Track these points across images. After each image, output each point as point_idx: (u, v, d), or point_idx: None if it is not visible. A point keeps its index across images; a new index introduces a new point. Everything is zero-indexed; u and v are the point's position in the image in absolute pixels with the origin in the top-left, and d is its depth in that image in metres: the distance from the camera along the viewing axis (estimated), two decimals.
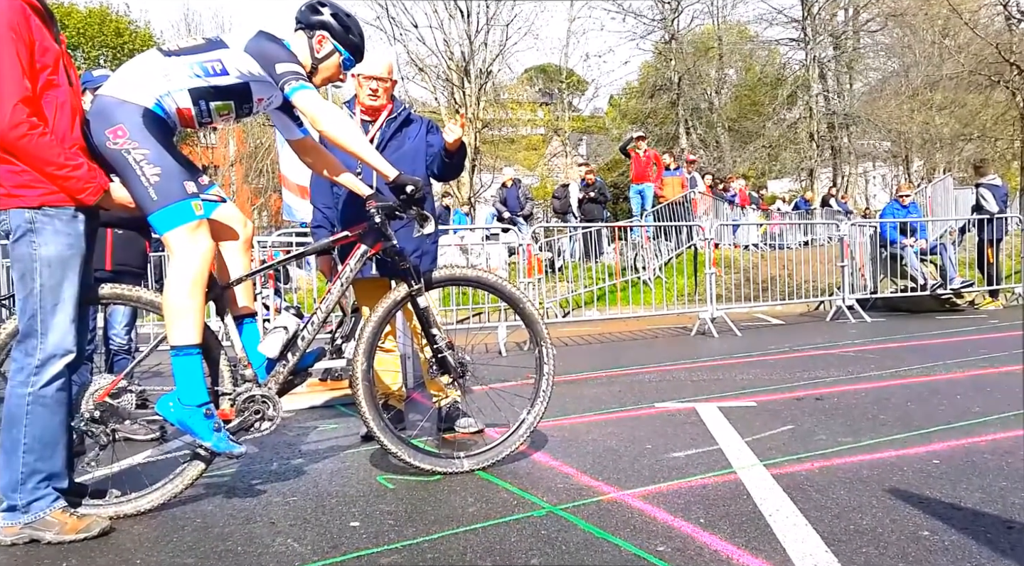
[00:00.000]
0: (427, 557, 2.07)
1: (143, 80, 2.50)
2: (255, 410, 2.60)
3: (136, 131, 2.42)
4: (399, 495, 2.64)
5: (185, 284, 2.43)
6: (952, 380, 4.61)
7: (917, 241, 9.78)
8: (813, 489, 2.54)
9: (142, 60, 2.58)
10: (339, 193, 3.45)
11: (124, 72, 2.55)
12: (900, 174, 24.07)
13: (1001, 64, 20.26)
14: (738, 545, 2.08)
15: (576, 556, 2.05)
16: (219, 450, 2.46)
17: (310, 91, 2.61)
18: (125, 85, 2.48)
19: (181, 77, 2.53)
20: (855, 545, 2.05)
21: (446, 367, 2.92)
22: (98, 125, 2.42)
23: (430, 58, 22.43)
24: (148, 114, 2.46)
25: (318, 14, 2.81)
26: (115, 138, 2.40)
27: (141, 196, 2.43)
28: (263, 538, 2.25)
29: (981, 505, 2.33)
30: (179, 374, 2.45)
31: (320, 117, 2.60)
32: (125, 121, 2.42)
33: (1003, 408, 3.67)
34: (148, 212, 2.43)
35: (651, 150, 14.20)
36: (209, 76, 2.55)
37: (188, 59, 2.56)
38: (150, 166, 2.41)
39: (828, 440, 3.20)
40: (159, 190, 2.42)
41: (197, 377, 2.46)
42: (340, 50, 2.82)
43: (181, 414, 2.44)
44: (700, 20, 26.61)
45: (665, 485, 2.65)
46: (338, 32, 2.81)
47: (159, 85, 2.50)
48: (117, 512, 2.44)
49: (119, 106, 2.44)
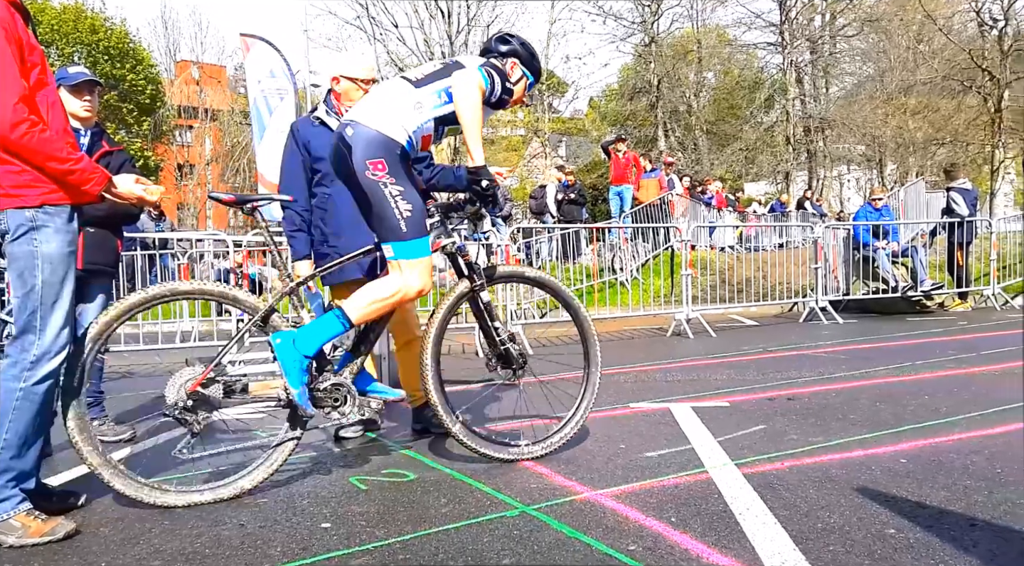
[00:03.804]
0: (399, 558, 2.06)
1: (398, 115, 2.75)
2: (334, 398, 2.76)
3: (393, 167, 2.69)
4: (372, 496, 2.63)
5: (392, 298, 2.75)
6: (921, 381, 4.69)
7: (889, 244, 9.94)
8: (783, 488, 2.57)
9: (396, 91, 2.82)
10: (325, 197, 3.43)
11: (381, 103, 2.79)
12: (874, 178, 24.44)
13: (973, 69, 20.70)
14: (708, 544, 2.10)
15: (548, 556, 2.05)
16: (298, 401, 2.62)
17: (479, 73, 2.82)
18: (384, 119, 2.72)
19: (429, 106, 2.80)
20: (823, 543, 2.08)
21: (508, 359, 3.06)
22: (361, 154, 2.67)
23: (410, 58, 22.38)
24: (402, 151, 2.74)
25: (508, 44, 3.10)
26: (375, 170, 2.67)
27: (391, 224, 2.70)
28: (231, 540, 2.22)
29: (946, 503, 2.37)
30: (317, 324, 2.71)
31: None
32: (386, 157, 2.69)
33: (969, 408, 3.74)
34: (393, 239, 2.71)
35: (630, 152, 14.29)
36: (450, 101, 2.81)
37: (435, 86, 2.82)
38: (404, 202, 2.69)
39: (799, 440, 3.23)
40: (410, 224, 2.71)
41: (323, 337, 2.70)
42: (527, 74, 3.11)
43: (287, 353, 2.63)
44: (680, 23, 26.87)
45: (638, 485, 2.66)
46: (525, 59, 3.10)
47: (411, 118, 2.76)
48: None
49: (381, 141, 2.69)
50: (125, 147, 4.74)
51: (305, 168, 3.47)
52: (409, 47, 22.40)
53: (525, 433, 3.24)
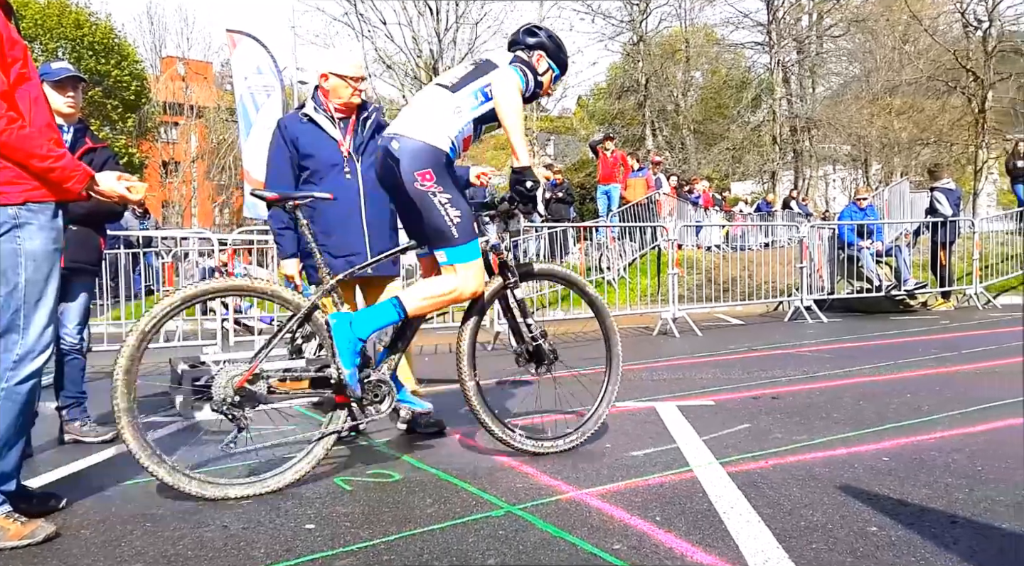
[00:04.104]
0: (383, 559, 2.06)
1: (440, 122, 2.83)
2: (375, 393, 2.83)
3: (440, 176, 2.78)
4: (356, 497, 2.62)
5: (447, 296, 2.87)
6: (903, 379, 4.73)
7: (873, 243, 10.02)
8: (767, 486, 2.58)
9: (434, 100, 2.90)
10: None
11: (422, 114, 2.87)
12: (859, 177, 24.61)
13: (958, 70, 20.88)
14: (692, 542, 2.11)
15: (533, 555, 2.06)
16: (348, 381, 2.69)
17: (514, 73, 2.88)
18: (427, 129, 2.81)
19: (468, 108, 2.87)
20: (806, 541, 2.09)
21: (540, 355, 3.11)
22: (408, 166, 2.75)
23: (398, 55, 22.33)
24: (447, 158, 2.82)
25: (535, 36, 3.13)
26: (423, 180, 2.75)
27: (440, 230, 2.80)
28: (214, 542, 2.21)
29: (927, 501, 2.39)
30: (373, 311, 2.86)
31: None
32: (433, 166, 2.77)
33: (951, 407, 3.78)
34: (446, 244, 2.82)
35: (618, 151, 14.32)
36: (488, 100, 2.89)
37: (470, 88, 2.89)
38: (453, 209, 2.79)
39: (783, 438, 3.26)
40: (460, 229, 2.81)
41: (378, 323, 2.81)
42: (553, 67, 3.16)
43: (343, 333, 2.71)
44: (668, 22, 26.93)
45: (623, 484, 2.67)
46: (552, 51, 3.14)
47: (452, 124, 2.84)
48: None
49: (427, 151, 2.78)
50: (109, 144, 4.70)
51: (293, 165, 3.45)
52: (397, 44, 22.33)
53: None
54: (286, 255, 3.46)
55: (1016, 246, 11.45)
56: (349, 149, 3.45)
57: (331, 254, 3.42)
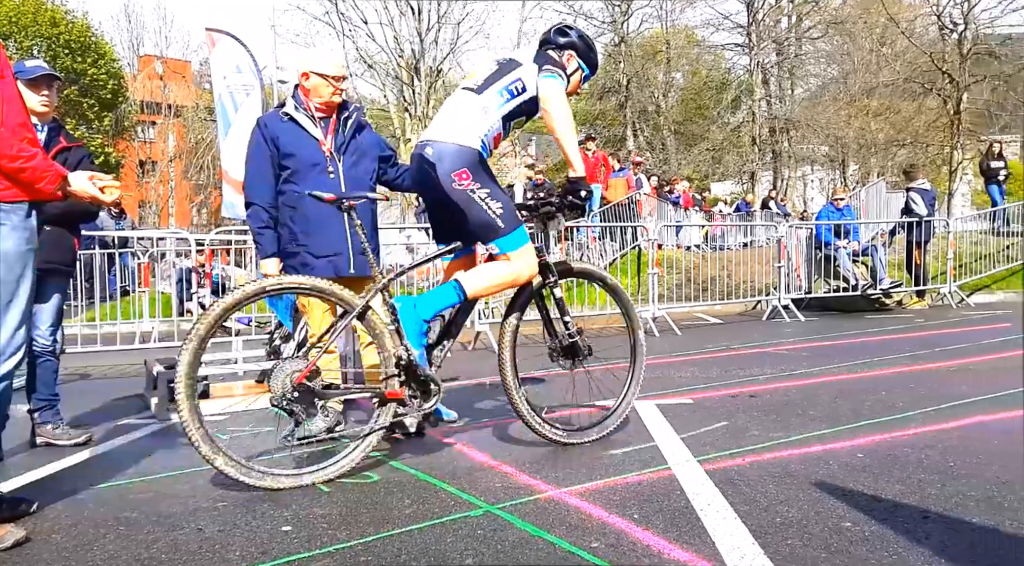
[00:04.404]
0: (360, 560, 2.05)
1: (469, 123, 2.93)
2: (423, 390, 2.92)
3: (476, 173, 2.88)
4: (334, 498, 2.60)
5: (506, 279, 2.98)
6: (878, 377, 4.79)
7: (850, 243, 10.13)
8: (744, 483, 2.60)
9: (460, 103, 3.00)
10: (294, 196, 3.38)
11: (450, 118, 2.98)
12: (836, 178, 24.88)
13: (934, 72, 21.16)
14: (670, 539, 2.12)
15: (511, 555, 2.05)
16: (418, 361, 2.85)
17: (556, 81, 2.94)
18: (456, 131, 2.92)
19: (495, 107, 2.96)
20: (781, 537, 2.11)
21: (575, 351, 3.25)
22: (445, 168, 2.85)
23: (379, 55, 22.24)
24: (479, 156, 2.92)
25: (566, 36, 3.19)
26: (460, 180, 2.86)
27: (489, 225, 2.90)
28: (189, 545, 2.18)
29: (900, 497, 2.42)
30: (435, 293, 2.96)
31: (549, 100, 2.91)
32: (468, 165, 2.87)
33: (925, 404, 3.83)
34: (495, 237, 2.92)
35: (600, 151, 14.36)
36: (513, 98, 2.99)
37: (495, 87, 2.98)
38: (494, 201, 2.90)
39: (760, 436, 3.28)
40: (505, 219, 2.91)
41: (442, 304, 2.93)
42: (583, 67, 3.23)
43: (409, 316, 2.86)
44: (649, 24, 27.07)
45: (601, 482, 2.68)
46: (582, 51, 3.21)
47: (481, 123, 2.94)
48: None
49: (460, 152, 2.88)
50: (85, 143, 4.64)
51: (273, 164, 3.41)
52: (378, 44, 22.24)
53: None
54: (266, 254, 3.41)
55: (989, 246, 11.64)
56: (331, 148, 3.43)
57: (312, 254, 3.39)
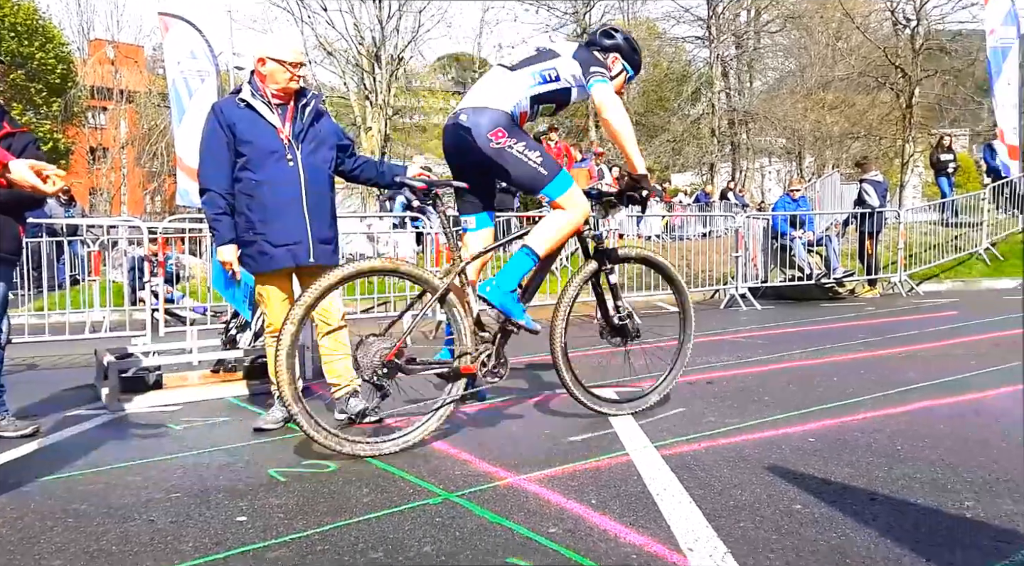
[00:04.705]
0: (317, 549, 2.03)
1: (501, 92, 3.11)
2: (492, 365, 3.11)
3: (511, 130, 3.05)
4: (291, 488, 2.57)
5: (568, 225, 3.15)
6: (831, 363, 4.91)
7: (805, 233, 10.34)
8: (699, 468, 2.65)
9: (494, 77, 3.20)
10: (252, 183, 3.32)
11: (484, 88, 3.18)
12: (793, 169, 25.34)
13: (887, 67, 21.65)
14: (626, 524, 2.14)
15: (469, 542, 2.06)
16: (528, 326, 3.11)
17: (606, 86, 3.10)
18: (490, 97, 3.11)
19: (525, 86, 3.13)
20: (734, 520, 2.15)
21: (624, 332, 3.52)
22: (482, 130, 3.03)
23: (339, 42, 21.89)
24: (512, 117, 3.10)
25: (612, 38, 3.35)
26: (497, 139, 3.02)
27: (532, 175, 3.07)
28: (140, 537, 2.14)
29: (849, 479, 2.49)
30: (511, 265, 3.11)
31: (605, 107, 3.09)
32: (502, 124, 3.04)
33: (875, 389, 3.93)
34: (542, 185, 3.09)
35: (561, 141, 14.38)
36: (544, 83, 3.15)
37: (530, 69, 3.14)
38: (531, 152, 3.06)
39: (716, 421, 3.34)
40: (546, 166, 3.08)
41: (520, 272, 3.11)
42: (627, 69, 3.39)
43: (498, 296, 3.06)
44: (611, 15, 27.08)
45: (560, 469, 2.69)
46: (627, 53, 3.36)
47: (514, 94, 3.12)
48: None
49: (494, 114, 3.06)
50: (31, 129, 4.48)
51: (229, 150, 3.34)
52: (338, 31, 21.91)
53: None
54: (224, 241, 3.34)
55: (939, 236, 11.99)
56: (288, 136, 3.37)
57: (271, 243, 3.34)
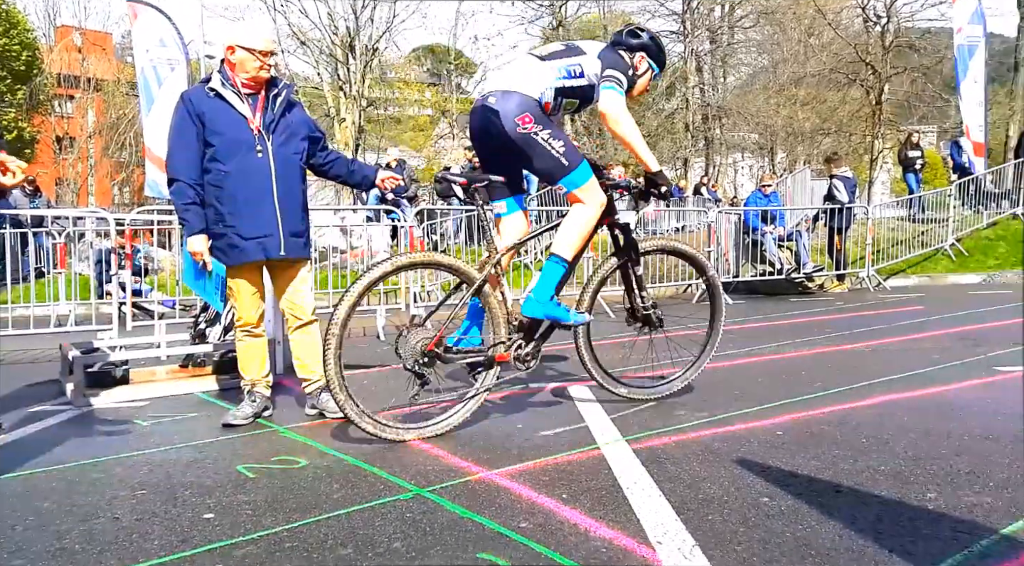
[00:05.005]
0: (285, 546, 2.01)
1: (530, 78, 3.16)
2: (525, 354, 3.26)
3: (538, 117, 3.10)
4: (260, 484, 2.55)
5: (589, 222, 3.26)
6: (800, 357, 4.98)
7: (776, 228, 10.47)
8: (669, 462, 2.67)
9: (525, 63, 3.27)
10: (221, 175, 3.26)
11: (513, 73, 3.23)
12: (765, 165, 25.60)
13: (858, 63, 21.93)
14: (596, 518, 2.16)
15: (440, 537, 2.05)
16: (578, 322, 3.33)
17: (614, 94, 3.17)
18: (519, 81, 3.15)
19: (552, 77, 3.18)
20: (703, 513, 2.17)
21: (649, 321, 3.70)
22: (510, 113, 3.07)
23: (313, 32, 21.63)
24: (539, 104, 3.14)
25: (638, 38, 3.41)
26: (524, 124, 3.07)
27: (554, 164, 3.14)
28: (104, 535, 2.10)
29: (816, 472, 2.53)
30: (544, 275, 3.25)
31: (610, 117, 3.19)
32: (530, 110, 3.09)
33: (842, 382, 4.00)
34: (562, 175, 3.16)
35: None
36: (569, 78, 3.21)
37: (558, 63, 3.21)
38: (556, 141, 3.11)
39: (686, 415, 3.37)
40: (568, 156, 3.14)
41: (555, 280, 3.25)
42: (653, 67, 3.46)
43: (543, 309, 3.24)
44: (587, 8, 27.12)
45: (532, 463, 2.70)
46: (653, 52, 3.44)
47: (541, 82, 3.17)
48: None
49: (523, 100, 3.10)
50: None
51: (198, 140, 3.29)
52: (312, 20, 21.64)
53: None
54: (194, 231, 3.27)
55: (906, 232, 12.22)
56: (259, 126, 3.33)
57: (241, 235, 3.30)
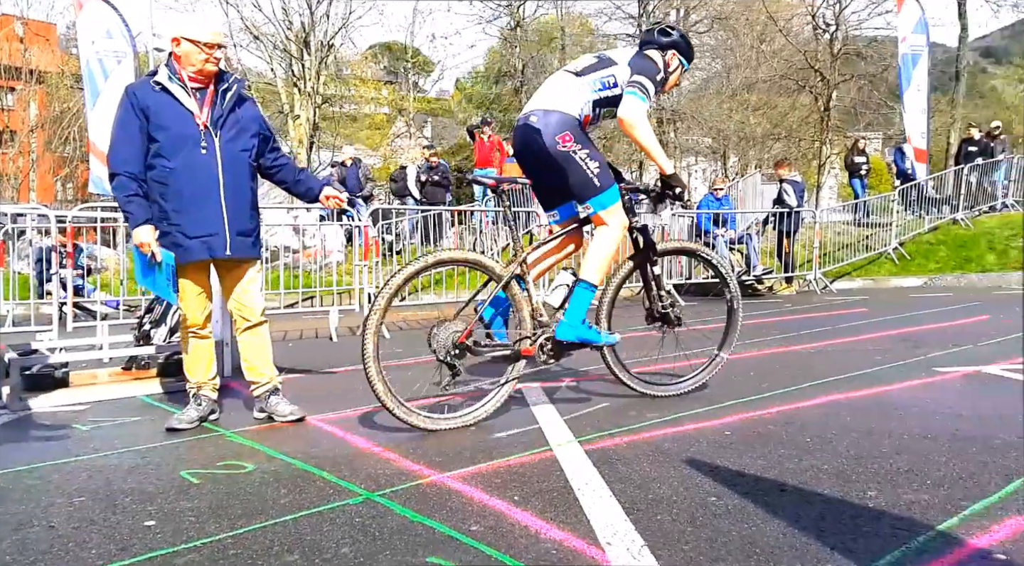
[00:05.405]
0: (229, 553, 1.97)
1: (568, 96, 3.28)
2: (549, 348, 3.38)
3: (577, 136, 3.24)
4: (204, 490, 2.49)
5: (612, 246, 3.40)
6: (748, 358, 5.08)
7: (727, 231, 10.67)
8: (620, 462, 2.69)
9: (562, 81, 3.36)
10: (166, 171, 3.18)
11: (552, 91, 3.34)
12: (718, 169, 26.06)
13: (807, 70, 22.48)
14: (547, 520, 2.16)
15: (389, 542, 2.03)
16: (611, 342, 3.54)
17: (637, 99, 3.25)
18: (558, 100, 3.28)
19: (588, 91, 3.30)
20: (652, 513, 2.20)
21: (667, 319, 3.81)
22: (551, 131, 3.21)
23: (267, 26, 21.23)
24: (578, 121, 3.27)
25: (668, 36, 3.55)
26: (564, 142, 3.21)
27: (585, 183, 3.27)
28: (38, 544, 2.03)
29: (762, 471, 2.58)
30: (575, 301, 3.37)
31: (628, 122, 3.27)
32: (570, 129, 3.23)
33: (789, 383, 4.10)
34: (592, 195, 3.29)
35: (495, 136, 14.38)
36: (605, 89, 3.32)
37: (592, 76, 3.32)
38: (592, 161, 3.25)
39: (637, 416, 3.41)
40: (600, 177, 3.28)
41: (584, 305, 3.37)
42: (683, 62, 3.60)
43: (575, 332, 3.36)
44: (544, 9, 27.22)
45: (485, 465, 2.70)
46: (683, 49, 3.58)
47: (579, 98, 3.29)
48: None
49: (563, 118, 3.24)
50: None
51: (142, 134, 3.19)
52: (265, 14, 21.22)
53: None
54: (138, 222, 3.16)
55: (852, 235, 12.57)
56: (206, 122, 3.25)
57: (185, 234, 3.22)
